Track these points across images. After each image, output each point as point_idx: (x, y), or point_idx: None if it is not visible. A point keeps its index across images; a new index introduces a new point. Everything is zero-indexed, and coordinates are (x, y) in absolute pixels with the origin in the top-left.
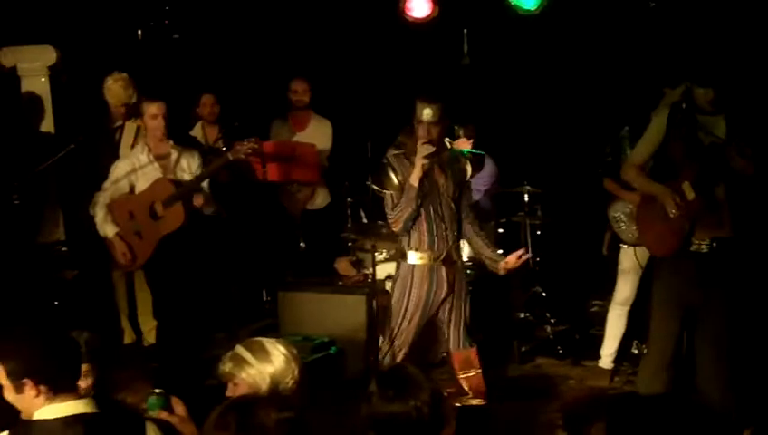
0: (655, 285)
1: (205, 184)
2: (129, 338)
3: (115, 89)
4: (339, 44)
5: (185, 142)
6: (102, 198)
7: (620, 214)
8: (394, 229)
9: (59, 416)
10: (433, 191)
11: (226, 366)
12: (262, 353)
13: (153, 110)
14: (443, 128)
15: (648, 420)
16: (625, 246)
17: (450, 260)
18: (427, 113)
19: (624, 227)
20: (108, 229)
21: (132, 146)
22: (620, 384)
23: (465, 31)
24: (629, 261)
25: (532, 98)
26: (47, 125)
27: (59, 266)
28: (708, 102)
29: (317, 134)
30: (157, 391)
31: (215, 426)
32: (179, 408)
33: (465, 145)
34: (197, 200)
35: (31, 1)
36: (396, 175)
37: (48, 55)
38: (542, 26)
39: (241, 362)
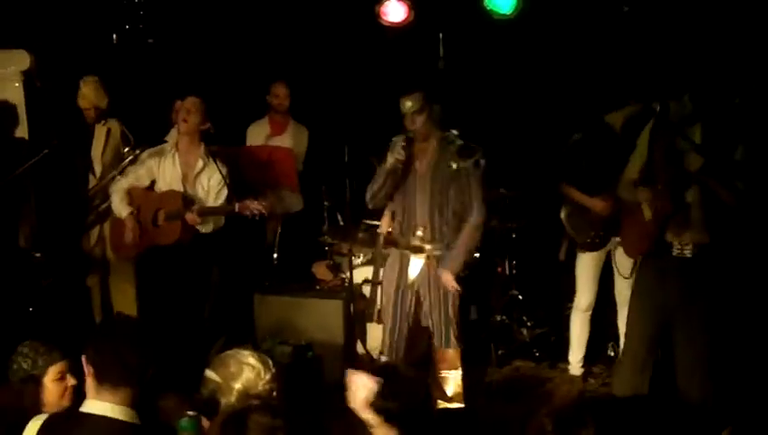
0: (634, 287)
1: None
2: None
3: (85, 91)
4: (314, 49)
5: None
6: (122, 183)
7: (576, 219)
8: (366, 197)
9: (106, 414)
10: (411, 179)
11: (203, 393)
12: (227, 372)
13: (183, 104)
14: (428, 115)
15: (636, 423)
16: (581, 251)
17: (421, 250)
18: (407, 106)
19: (581, 233)
20: (122, 210)
21: (103, 151)
22: (596, 387)
23: (440, 35)
24: (587, 266)
25: (508, 101)
26: (21, 131)
27: (33, 273)
28: (684, 115)
29: (294, 139)
30: (190, 413)
31: None
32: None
33: None
34: (189, 216)
35: (4, 5)
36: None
37: (22, 60)
38: (518, 30)
39: (211, 385)
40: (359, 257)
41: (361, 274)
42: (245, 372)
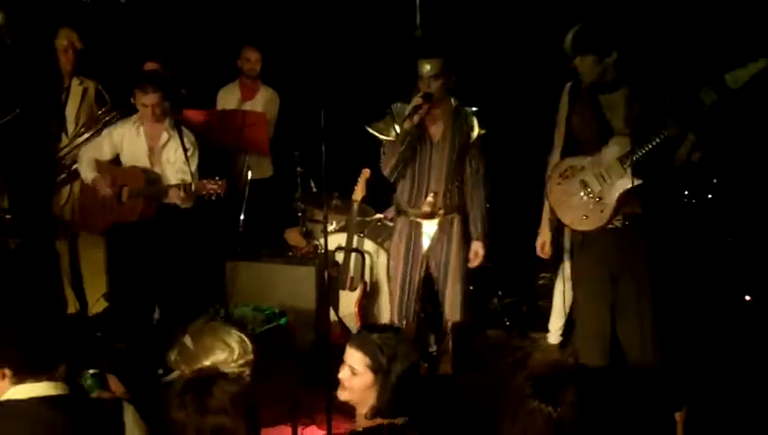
0: (573, 263)
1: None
2: (72, 308)
3: (62, 31)
4: (289, 13)
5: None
6: (88, 153)
7: None
8: (384, 174)
9: (31, 396)
10: (424, 145)
11: (172, 355)
12: (202, 343)
13: (144, 100)
14: (445, 81)
15: (614, 389)
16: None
17: (433, 216)
18: (426, 69)
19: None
20: (89, 174)
21: (77, 110)
22: (565, 358)
23: (417, 2)
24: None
25: (483, 71)
26: None
27: (2, 235)
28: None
29: (265, 104)
30: (91, 371)
31: (174, 406)
32: (116, 385)
33: None
34: (177, 197)
35: None
36: (395, 123)
37: None
38: None
39: (185, 352)
40: (331, 224)
41: (334, 241)
42: (218, 351)
